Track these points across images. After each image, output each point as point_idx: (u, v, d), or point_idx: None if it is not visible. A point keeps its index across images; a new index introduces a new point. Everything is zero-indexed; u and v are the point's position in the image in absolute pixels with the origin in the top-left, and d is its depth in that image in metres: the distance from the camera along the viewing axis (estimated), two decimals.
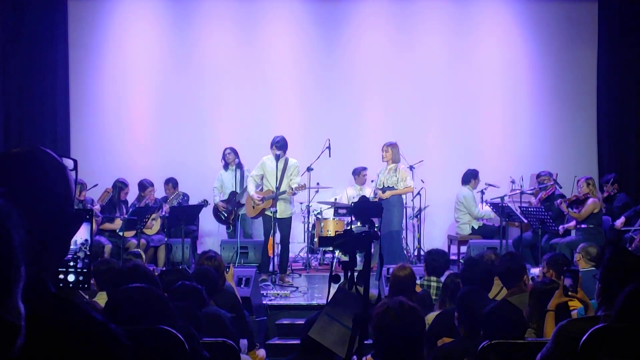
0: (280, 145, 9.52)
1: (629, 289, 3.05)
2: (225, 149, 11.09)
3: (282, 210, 9.54)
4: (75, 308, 1.37)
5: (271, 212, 9.44)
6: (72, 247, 1.73)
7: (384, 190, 9.97)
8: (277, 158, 9.46)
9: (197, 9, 12.33)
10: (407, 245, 11.03)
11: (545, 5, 12.39)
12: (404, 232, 10.62)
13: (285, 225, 9.63)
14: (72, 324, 1.33)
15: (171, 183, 11.26)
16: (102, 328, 1.36)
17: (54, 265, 1.48)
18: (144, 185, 10.72)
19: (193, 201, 11.09)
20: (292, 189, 9.50)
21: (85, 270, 1.70)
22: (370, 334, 3.27)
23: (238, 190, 10.81)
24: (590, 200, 9.92)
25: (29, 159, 1.45)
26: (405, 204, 10.58)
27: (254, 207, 9.76)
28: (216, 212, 11.02)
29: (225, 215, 10.92)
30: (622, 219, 10.21)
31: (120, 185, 10.48)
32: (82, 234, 1.75)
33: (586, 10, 12.33)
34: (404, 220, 10.46)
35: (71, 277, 1.69)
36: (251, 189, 9.76)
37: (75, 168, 1.49)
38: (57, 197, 1.44)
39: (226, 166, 11.07)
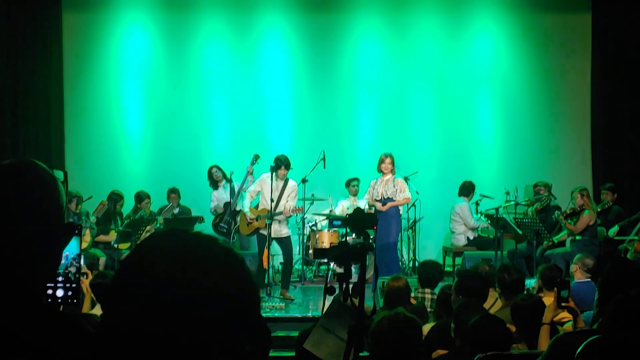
0: (288, 165, 9.40)
1: (619, 297, 3.04)
2: (212, 168, 11.04)
3: (278, 230, 9.43)
4: (67, 321, 1.35)
5: (265, 224, 9.37)
6: (62, 261, 1.72)
7: (384, 202, 9.95)
8: (272, 170, 9.40)
9: (192, 21, 12.34)
10: (402, 257, 11.01)
11: (539, 16, 12.42)
12: (399, 243, 10.61)
13: (286, 244, 9.55)
14: (63, 337, 1.32)
15: (175, 193, 11.19)
16: (94, 342, 1.34)
17: (46, 278, 1.47)
18: (140, 197, 10.69)
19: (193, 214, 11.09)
20: (290, 211, 9.42)
21: (74, 285, 1.68)
22: (367, 345, 3.26)
23: (232, 200, 10.76)
24: (586, 213, 9.93)
25: (19, 171, 1.44)
26: (400, 215, 10.58)
27: (248, 225, 9.69)
28: (216, 226, 10.93)
29: (226, 227, 10.87)
30: (615, 229, 10.20)
31: (115, 197, 10.45)
32: (72, 249, 1.74)
33: (580, 21, 12.38)
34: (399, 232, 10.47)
35: (60, 292, 1.68)
36: (246, 204, 9.64)
37: (66, 180, 1.49)
38: (48, 209, 1.43)
39: (215, 185, 11.05)
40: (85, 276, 5.68)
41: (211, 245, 1.20)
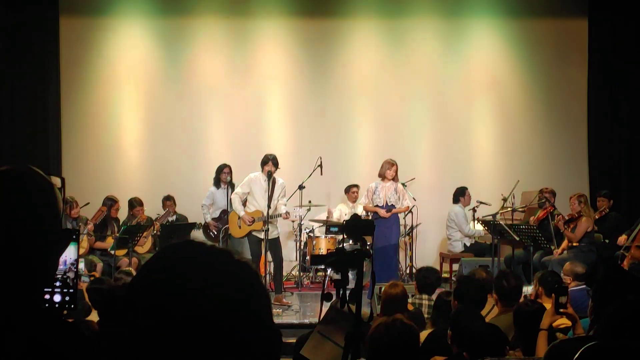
0: (276, 162, 9.35)
1: (616, 304, 3.04)
2: (224, 167, 10.96)
3: (269, 231, 9.36)
4: (66, 327, 1.35)
5: (262, 230, 9.33)
6: (60, 267, 1.72)
7: (388, 209, 9.97)
8: (269, 176, 9.34)
9: (189, 28, 12.34)
10: (399, 263, 11.01)
11: (535, 23, 12.46)
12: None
13: (276, 246, 9.49)
14: (62, 343, 1.32)
15: (170, 200, 11.21)
16: (93, 348, 1.34)
17: (43, 284, 1.48)
18: (132, 204, 10.69)
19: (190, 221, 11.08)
20: (287, 214, 9.39)
21: (72, 290, 1.69)
22: (363, 351, 3.26)
23: (229, 209, 10.73)
24: (583, 219, 9.93)
25: (16, 177, 1.44)
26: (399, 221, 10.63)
27: (240, 227, 9.60)
28: (206, 229, 10.97)
29: (215, 233, 10.88)
30: (624, 237, 10.15)
31: (110, 203, 10.43)
32: (70, 255, 1.74)
33: (576, 27, 12.41)
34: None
35: (57, 298, 1.68)
36: (240, 208, 9.50)
37: (63, 186, 1.49)
38: (45, 216, 1.44)
39: (218, 183, 11.01)
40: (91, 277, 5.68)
41: (226, 259, 1.22)
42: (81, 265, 9.23)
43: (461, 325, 4.26)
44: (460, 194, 11.25)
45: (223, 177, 10.93)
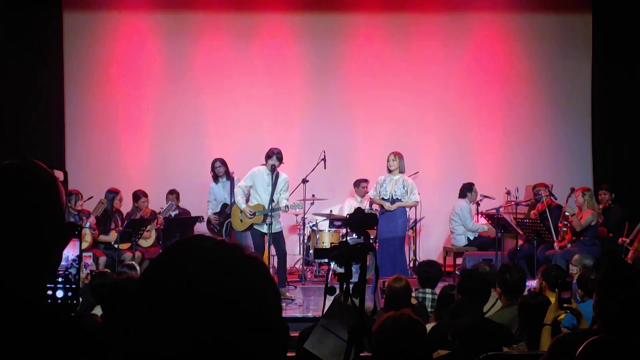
0: (280, 157, 9.37)
1: (621, 299, 3.04)
2: (215, 162, 10.96)
3: (272, 225, 9.35)
4: (68, 323, 1.35)
5: (265, 223, 9.33)
6: (62, 262, 1.72)
7: (392, 201, 9.98)
8: (273, 170, 9.34)
9: (193, 22, 12.32)
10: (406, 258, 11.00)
11: (539, 18, 12.43)
12: None
13: (280, 240, 9.50)
14: (65, 340, 1.32)
15: (173, 194, 11.21)
16: (93, 344, 1.34)
17: (46, 279, 1.47)
18: (137, 196, 10.69)
19: (193, 214, 11.08)
20: (287, 207, 9.39)
21: (74, 286, 1.69)
22: (367, 345, 3.26)
23: (231, 202, 10.72)
24: (587, 213, 9.92)
25: (20, 171, 1.44)
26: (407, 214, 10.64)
27: (242, 220, 9.63)
28: (209, 224, 10.97)
29: (218, 227, 10.88)
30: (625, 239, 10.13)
31: (112, 196, 10.42)
32: (72, 250, 1.74)
33: (580, 22, 12.37)
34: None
35: (59, 293, 1.68)
36: (242, 201, 9.52)
37: (66, 180, 1.49)
38: (48, 210, 1.43)
39: (216, 178, 11.01)
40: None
41: (236, 253, 1.22)
42: (89, 261, 9.25)
43: (458, 320, 4.26)
44: (467, 190, 11.21)
45: (217, 171, 10.94)
